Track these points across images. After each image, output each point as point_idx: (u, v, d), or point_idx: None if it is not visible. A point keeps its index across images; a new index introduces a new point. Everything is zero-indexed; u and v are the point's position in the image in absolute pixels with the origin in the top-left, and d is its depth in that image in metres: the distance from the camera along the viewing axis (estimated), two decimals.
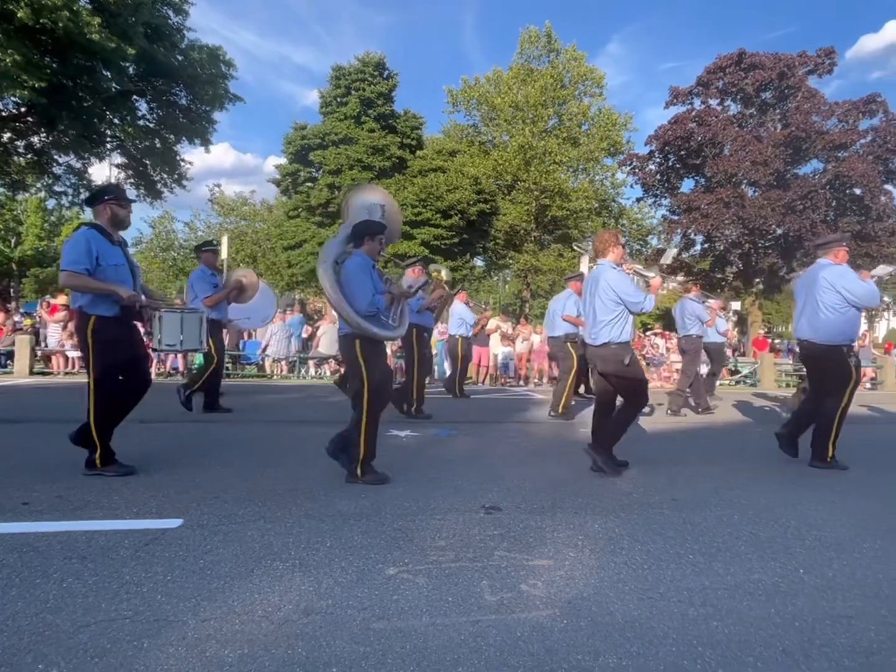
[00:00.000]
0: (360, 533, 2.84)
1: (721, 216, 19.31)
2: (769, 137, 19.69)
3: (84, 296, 3.50)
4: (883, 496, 3.85)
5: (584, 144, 26.69)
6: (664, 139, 21.26)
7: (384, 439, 5.23)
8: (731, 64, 20.62)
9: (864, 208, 19.14)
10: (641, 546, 2.81)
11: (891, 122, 19.00)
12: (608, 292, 4.09)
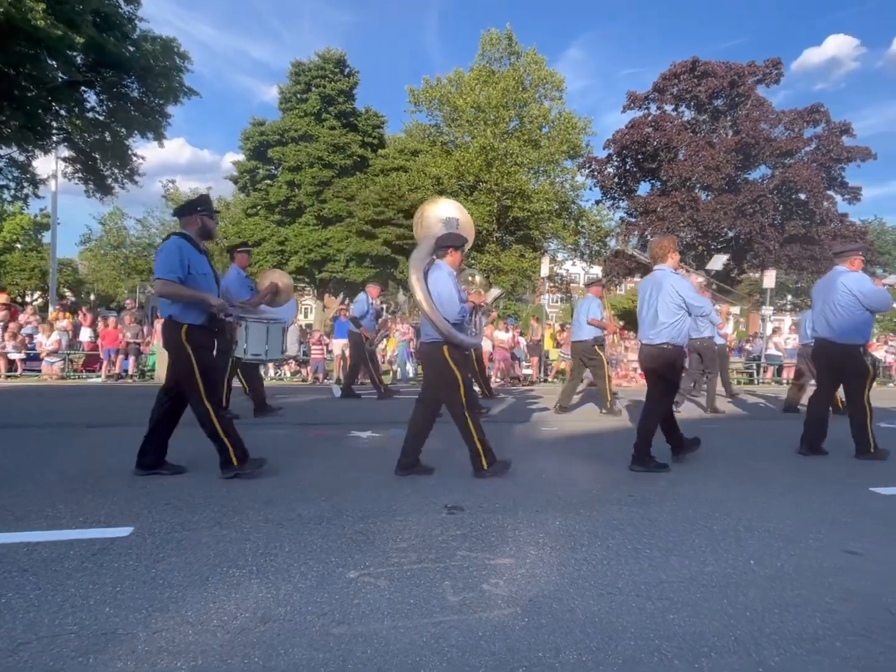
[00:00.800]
0: (320, 537, 2.79)
1: (676, 219, 19.91)
2: (721, 143, 20.39)
3: (174, 304, 3.59)
4: (825, 490, 4.03)
5: (545, 147, 26.98)
6: (622, 143, 21.77)
7: (345, 441, 5.17)
8: (685, 71, 21.27)
9: (808, 213, 20.04)
10: (601, 542, 2.85)
11: (832, 132, 19.95)
12: (673, 296, 4.29)
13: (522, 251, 26.88)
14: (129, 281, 30.32)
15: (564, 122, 26.98)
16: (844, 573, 2.58)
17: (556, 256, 29.97)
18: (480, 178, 26.38)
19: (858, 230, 20.80)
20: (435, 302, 3.78)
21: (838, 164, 19.94)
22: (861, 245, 5.28)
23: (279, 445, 4.88)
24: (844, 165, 20.10)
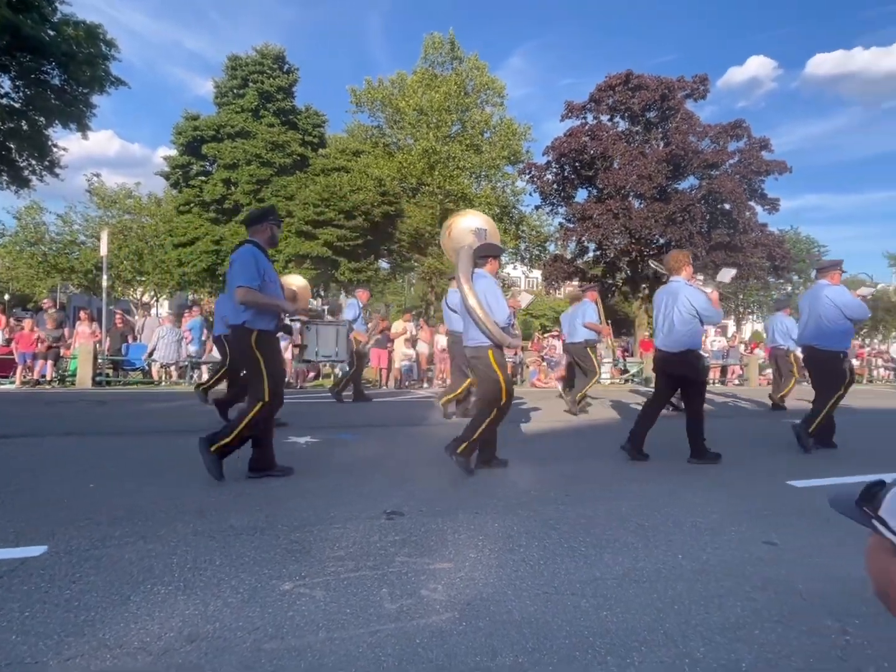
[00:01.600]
0: (253, 548, 2.69)
1: (611, 226, 20.61)
2: (653, 154, 21.30)
3: (247, 311, 3.67)
4: (747, 484, 4.26)
5: (487, 152, 27.41)
6: (560, 151, 22.33)
7: (282, 447, 5.03)
8: (619, 83, 22.07)
9: (732, 222, 21.24)
10: (538, 542, 2.90)
11: (753, 146, 21.25)
12: (687, 306, 4.70)
13: None
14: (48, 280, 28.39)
15: (505, 128, 27.52)
16: (763, 563, 2.73)
17: None
18: (423, 181, 26.46)
19: (776, 239, 22.24)
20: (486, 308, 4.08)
21: (758, 176, 21.26)
22: (839, 261, 5.81)
23: None
24: (764, 178, 21.45)
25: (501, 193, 28.66)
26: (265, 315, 3.73)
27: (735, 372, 15.56)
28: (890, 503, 0.89)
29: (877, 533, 0.89)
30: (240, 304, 3.66)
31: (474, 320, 4.12)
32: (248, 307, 3.66)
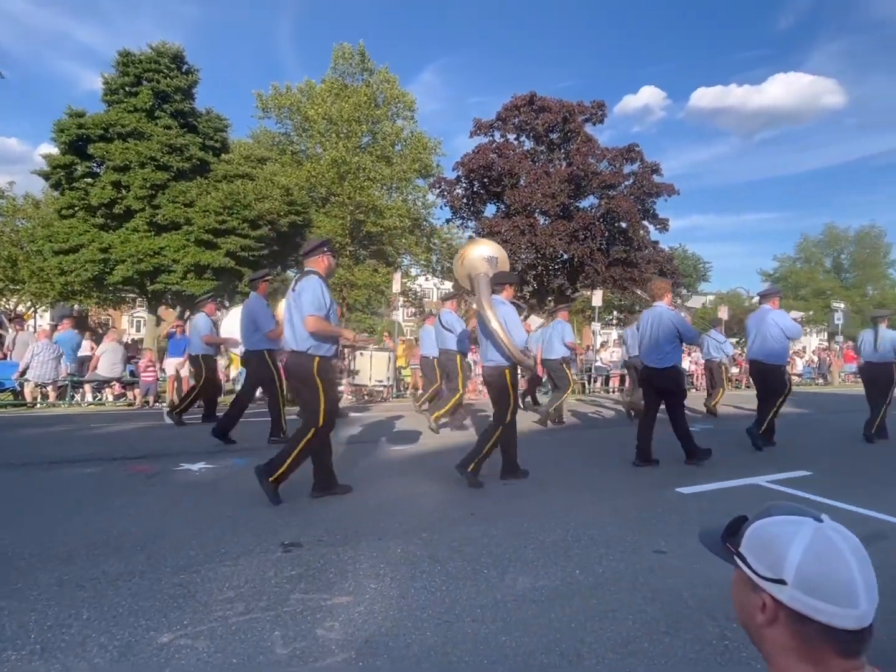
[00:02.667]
0: (129, 596, 2.44)
1: (518, 241, 21.32)
2: (556, 173, 22.32)
3: (311, 338, 3.85)
4: (640, 493, 4.49)
5: (397, 164, 27.47)
6: (469, 166, 22.83)
7: (173, 476, 4.67)
8: (524, 104, 22.98)
9: (628, 239, 22.68)
10: (441, 567, 2.86)
11: (645, 170, 22.87)
12: (671, 328, 5.42)
13: (376, 266, 26.98)
14: None
15: (416, 141, 27.75)
16: (653, 573, 2.86)
17: (409, 272, 30.53)
18: (332, 191, 26.03)
19: (667, 256, 23.99)
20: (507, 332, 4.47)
21: (650, 197, 22.87)
22: (779, 289, 7.22)
23: (85, 486, 4.25)
24: (655, 199, 23.11)
25: (413, 206, 28.80)
26: (326, 342, 3.96)
27: None
28: (748, 540, 0.93)
29: (738, 568, 0.93)
30: (310, 333, 3.86)
31: (496, 342, 4.52)
32: (316, 335, 3.87)
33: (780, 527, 0.90)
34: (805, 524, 0.88)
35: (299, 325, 3.88)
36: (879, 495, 4.50)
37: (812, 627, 0.83)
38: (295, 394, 4.08)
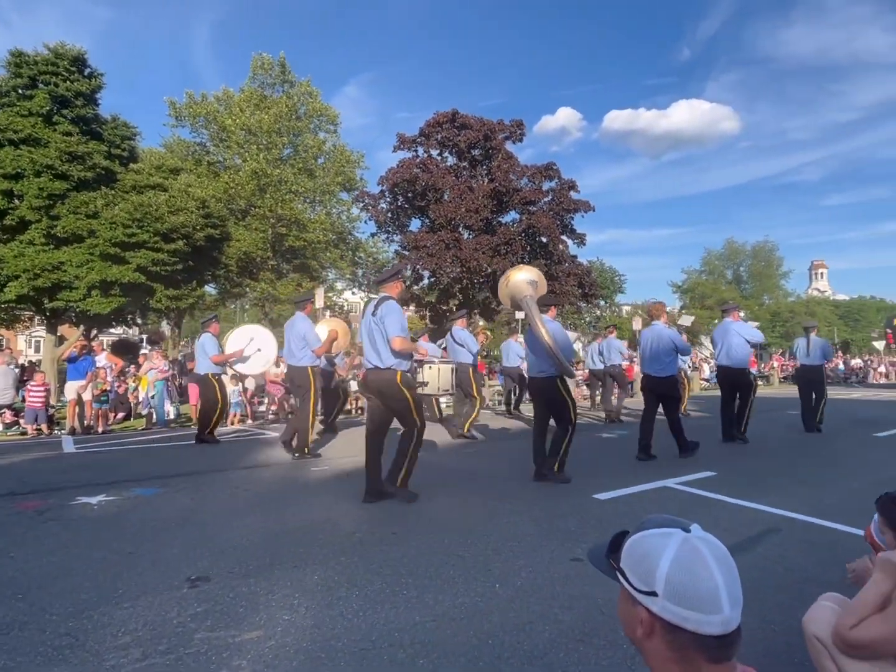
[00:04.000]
0: (5, 652, 2.20)
1: (443, 255, 21.58)
2: (479, 189, 22.83)
3: (396, 356, 4.40)
4: (558, 501, 4.60)
5: (320, 177, 27.10)
6: (393, 181, 22.92)
7: (67, 511, 4.30)
8: (446, 121, 23.41)
9: (548, 254, 23.53)
10: (359, 591, 2.79)
11: (563, 186, 23.86)
12: (669, 343, 6.49)
13: (300, 280, 26.36)
14: None
15: (339, 154, 27.51)
16: (569, 581, 2.92)
17: (334, 286, 30.10)
18: (253, 204, 25.28)
19: (585, 269, 25.06)
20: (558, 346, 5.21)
21: (568, 213, 23.87)
22: (737, 305, 8.85)
23: None
24: (573, 215, 24.15)
25: (337, 219, 28.47)
26: (406, 359, 4.53)
27: None
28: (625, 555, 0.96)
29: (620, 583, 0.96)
30: (397, 351, 4.39)
31: (548, 355, 5.24)
32: (401, 353, 4.41)
33: (651, 539, 0.93)
34: (673, 535, 0.91)
35: (383, 344, 4.43)
36: (777, 492, 4.85)
37: (684, 636, 0.86)
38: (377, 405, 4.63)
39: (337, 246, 27.76)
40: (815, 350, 8.74)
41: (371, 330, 4.47)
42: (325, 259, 27.58)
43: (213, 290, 26.44)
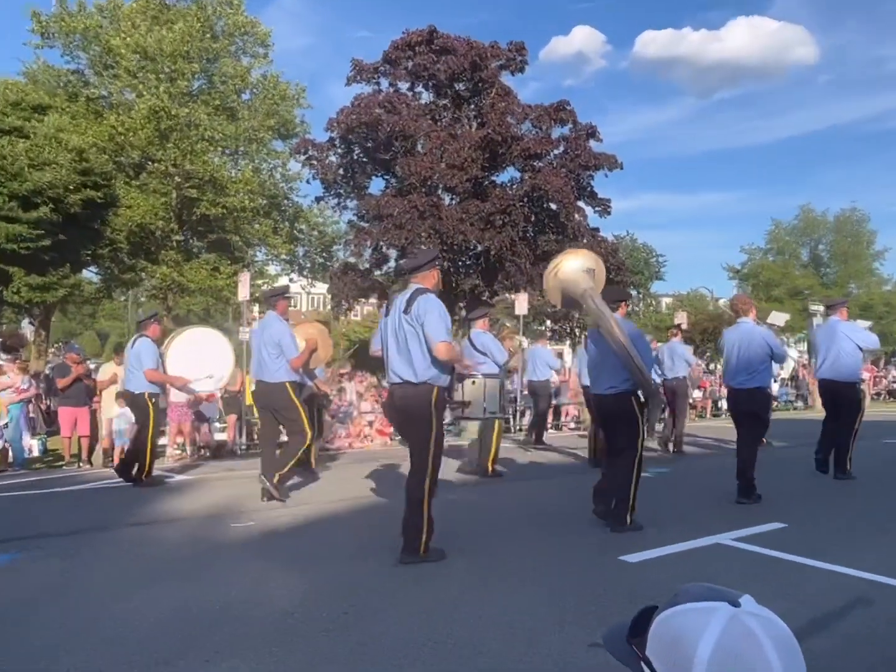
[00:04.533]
0: None
1: (416, 227, 21.53)
2: (465, 137, 22.88)
3: (433, 368, 4.51)
4: (576, 564, 4.64)
5: (245, 119, 26.91)
6: (347, 125, 22.84)
7: None
8: (420, 42, 23.41)
9: (559, 226, 23.64)
10: None
11: (579, 134, 24.01)
12: (764, 346, 6.73)
13: (217, 262, 26.18)
14: None
15: (271, 88, 27.37)
16: None
17: (265, 270, 29.91)
18: (150, 156, 25.05)
19: (610, 247, 25.27)
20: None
21: (587, 171, 24.02)
22: (844, 299, 9.23)
23: None
24: (593, 174, 24.31)
25: (268, 178, 28.33)
26: (445, 371, 4.65)
27: (569, 413, 17.11)
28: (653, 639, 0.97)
29: None
30: (443, 361, 4.55)
31: (625, 365, 5.51)
32: (445, 364, 4.57)
33: (687, 617, 0.95)
34: (717, 612, 0.93)
35: (419, 352, 4.51)
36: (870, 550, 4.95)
37: None
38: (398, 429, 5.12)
39: (269, 215, 27.59)
40: None
41: (401, 333, 4.60)
42: (252, 233, 27.39)
43: (94, 277, 26.12)
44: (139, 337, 8.50)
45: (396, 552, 4.69)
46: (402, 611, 3.72)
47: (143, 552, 5.12)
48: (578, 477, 8.33)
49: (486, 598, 3.94)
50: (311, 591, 4.12)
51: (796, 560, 4.67)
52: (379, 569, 4.53)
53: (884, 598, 3.92)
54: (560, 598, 3.93)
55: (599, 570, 4.52)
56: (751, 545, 5.08)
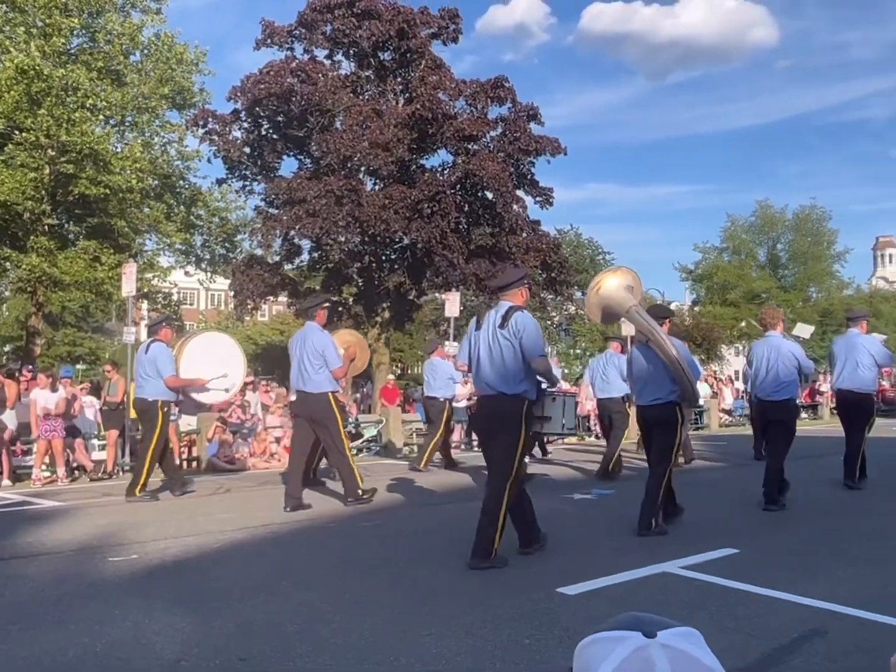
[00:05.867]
0: None
1: (333, 215, 21.38)
2: (391, 113, 22.92)
3: (525, 381, 5.52)
4: (508, 596, 4.69)
5: (134, 84, 26.30)
6: (254, 95, 22.52)
7: None
8: (342, 4, 23.34)
9: (496, 217, 23.88)
10: None
11: (520, 115, 24.32)
12: (791, 359, 7.93)
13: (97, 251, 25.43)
14: None
15: (166, 49, 26.82)
16: None
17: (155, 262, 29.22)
18: (18, 124, 24.18)
19: (552, 242, 25.68)
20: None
21: (527, 156, 24.34)
22: (865, 312, 11.04)
23: None
24: (534, 160, 24.66)
25: (161, 154, 27.69)
26: (534, 386, 5.65)
27: None
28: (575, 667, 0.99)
29: None
30: (542, 373, 5.66)
31: (675, 376, 6.62)
32: (534, 378, 5.62)
33: (597, 647, 0.97)
34: (624, 641, 0.95)
35: (515, 366, 5.43)
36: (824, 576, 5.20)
37: None
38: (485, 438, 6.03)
39: (161, 197, 26.99)
40: None
41: (495, 346, 5.51)
42: (141, 218, 26.73)
43: None
44: (153, 342, 9.03)
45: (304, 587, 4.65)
46: (306, 657, 3.69)
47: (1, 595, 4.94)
48: None
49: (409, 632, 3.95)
50: (202, 634, 4.06)
51: (747, 589, 4.83)
52: (281, 608, 4.50)
53: (840, 629, 4.10)
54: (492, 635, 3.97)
55: (536, 602, 4.58)
56: (700, 573, 5.23)
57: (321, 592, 4.82)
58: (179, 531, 6.90)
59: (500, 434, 5.55)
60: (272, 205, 24.32)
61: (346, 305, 25.54)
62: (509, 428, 5.48)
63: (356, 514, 7.93)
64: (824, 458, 12.28)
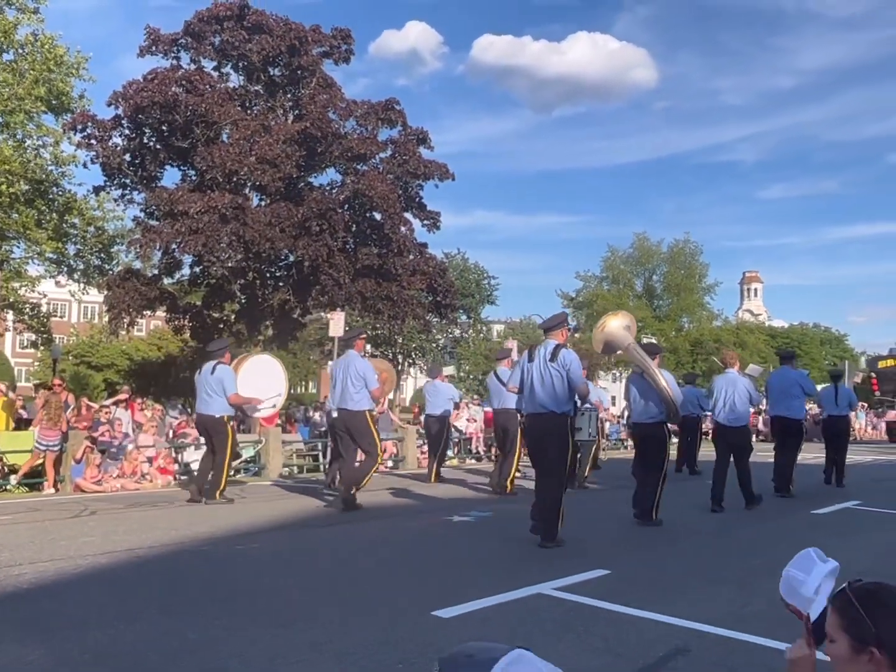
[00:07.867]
0: None
1: (217, 233, 20.92)
2: (279, 129, 22.67)
3: (569, 402, 7.30)
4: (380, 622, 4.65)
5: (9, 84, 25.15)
6: (137, 102, 21.87)
7: None
8: (231, 17, 23.06)
9: (384, 238, 23.96)
10: None
11: (409, 138, 24.58)
12: (744, 392, 9.86)
13: None
14: None
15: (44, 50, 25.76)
16: None
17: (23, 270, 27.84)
18: None
19: (438, 266, 25.98)
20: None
21: (416, 179, 24.64)
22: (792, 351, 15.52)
23: None
24: (422, 183, 24.97)
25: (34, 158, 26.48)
26: (573, 406, 7.45)
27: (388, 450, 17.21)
28: None
29: None
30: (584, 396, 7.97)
31: (663, 400, 8.48)
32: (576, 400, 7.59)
33: None
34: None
35: (561, 391, 7.05)
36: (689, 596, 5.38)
37: None
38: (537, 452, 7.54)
39: (32, 203, 25.78)
40: (843, 400, 13.01)
41: (546, 375, 7.08)
42: (9, 224, 25.43)
43: None
44: (217, 364, 10.10)
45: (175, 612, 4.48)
46: None
47: None
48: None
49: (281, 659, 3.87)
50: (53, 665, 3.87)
51: (617, 609, 4.95)
52: (143, 637, 4.30)
53: (702, 647, 4.25)
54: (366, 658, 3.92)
55: (410, 627, 4.54)
56: (572, 595, 5.33)
57: (187, 621, 4.64)
58: (38, 556, 6.52)
59: (550, 445, 7.13)
60: (152, 216, 23.62)
61: (228, 323, 24.98)
62: (558, 438, 7.07)
63: (233, 535, 7.70)
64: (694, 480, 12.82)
